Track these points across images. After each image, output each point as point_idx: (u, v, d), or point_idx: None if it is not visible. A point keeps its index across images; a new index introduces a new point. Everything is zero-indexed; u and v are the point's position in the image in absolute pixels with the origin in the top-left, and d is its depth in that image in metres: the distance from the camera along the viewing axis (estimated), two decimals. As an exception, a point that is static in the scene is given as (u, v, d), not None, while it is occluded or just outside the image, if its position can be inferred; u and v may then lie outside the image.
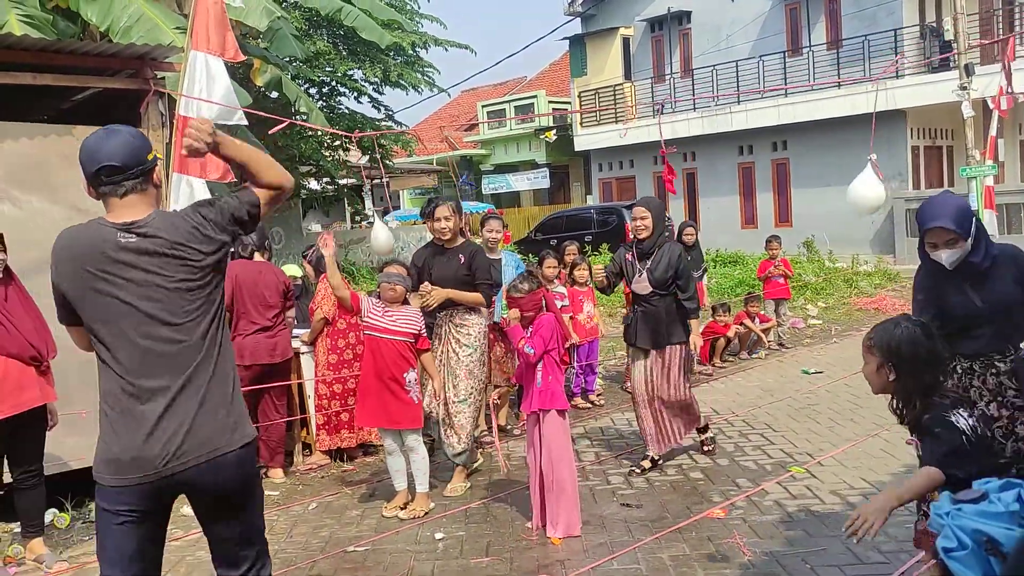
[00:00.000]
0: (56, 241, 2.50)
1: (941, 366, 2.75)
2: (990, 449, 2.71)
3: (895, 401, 2.80)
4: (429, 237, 5.59)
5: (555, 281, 7.17)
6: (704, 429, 5.93)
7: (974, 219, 3.25)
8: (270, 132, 8.97)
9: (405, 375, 4.89)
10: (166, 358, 2.45)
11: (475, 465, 5.69)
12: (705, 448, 5.88)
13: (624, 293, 6.36)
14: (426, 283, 5.23)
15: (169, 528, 2.70)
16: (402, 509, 4.99)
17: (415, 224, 22.64)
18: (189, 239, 2.49)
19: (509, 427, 6.92)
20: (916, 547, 2.17)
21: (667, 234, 5.69)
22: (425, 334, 5.06)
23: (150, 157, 2.53)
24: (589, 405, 7.64)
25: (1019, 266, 3.33)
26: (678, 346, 5.51)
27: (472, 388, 5.34)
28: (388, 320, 4.91)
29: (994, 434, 3.26)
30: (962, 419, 2.65)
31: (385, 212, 18.80)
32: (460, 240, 5.53)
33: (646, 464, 5.59)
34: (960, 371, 3.39)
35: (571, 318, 7.07)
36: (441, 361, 5.36)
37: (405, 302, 5.04)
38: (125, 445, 2.42)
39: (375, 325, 4.92)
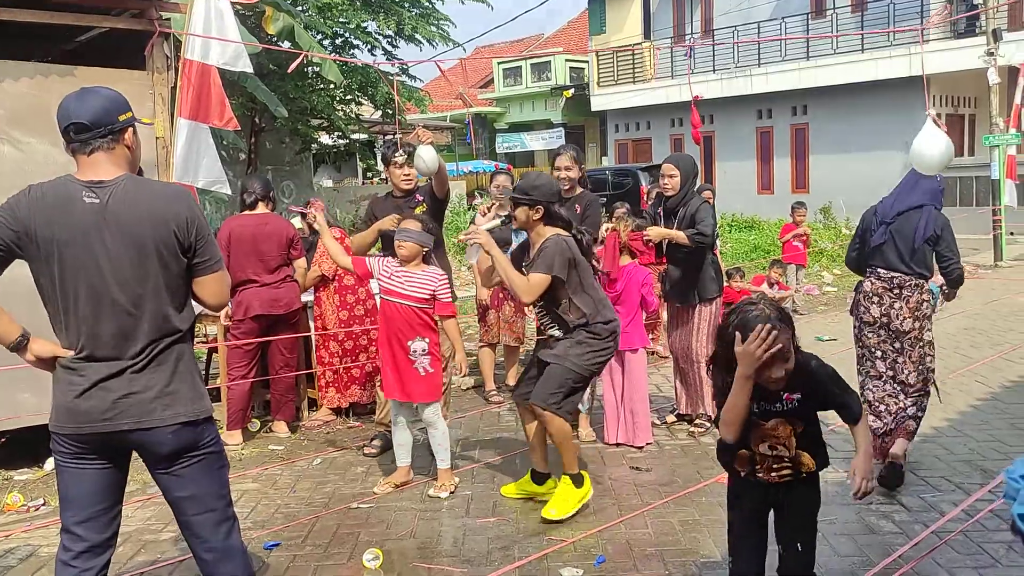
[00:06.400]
0: (28, 190, 2.50)
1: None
2: None
3: None
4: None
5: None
6: (697, 417, 5.62)
7: None
8: (289, 71, 8.77)
9: (410, 344, 4.42)
10: (114, 325, 2.48)
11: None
12: (691, 430, 5.56)
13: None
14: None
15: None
16: (397, 487, 4.64)
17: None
18: (157, 227, 2.47)
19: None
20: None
21: (696, 190, 5.57)
22: (448, 299, 4.56)
23: (122, 118, 2.56)
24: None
25: None
26: (707, 304, 5.46)
27: None
28: (397, 282, 4.45)
29: None
30: None
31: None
32: (578, 190, 5.40)
33: (670, 418, 5.75)
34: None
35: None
36: None
37: (427, 262, 4.54)
38: (63, 398, 2.51)
39: (384, 287, 4.49)
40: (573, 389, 4.22)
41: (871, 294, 4.57)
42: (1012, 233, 15.72)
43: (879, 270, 4.56)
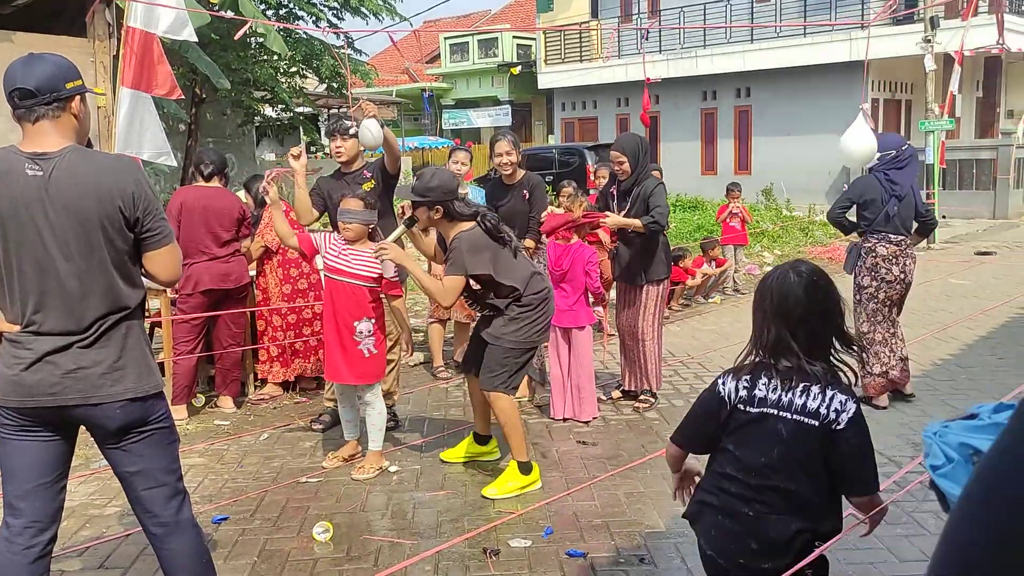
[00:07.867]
0: None
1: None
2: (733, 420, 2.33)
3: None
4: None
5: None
6: (642, 394, 5.70)
7: None
8: (235, 38, 8.61)
9: (356, 324, 4.36)
10: (60, 300, 2.44)
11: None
12: (636, 406, 5.65)
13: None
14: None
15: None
16: (346, 461, 4.65)
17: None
18: (101, 202, 2.42)
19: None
20: None
21: (648, 169, 5.58)
22: (396, 279, 4.50)
23: (70, 86, 2.50)
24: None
25: None
26: (655, 285, 5.52)
27: None
28: (344, 261, 4.37)
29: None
30: (729, 383, 2.35)
31: None
32: (521, 174, 5.50)
33: (616, 394, 5.83)
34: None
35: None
36: None
37: (372, 239, 4.47)
38: (8, 371, 2.47)
39: (331, 265, 4.39)
40: (518, 364, 4.29)
41: (889, 256, 5.35)
42: (944, 216, 16.24)
43: (890, 235, 5.35)
